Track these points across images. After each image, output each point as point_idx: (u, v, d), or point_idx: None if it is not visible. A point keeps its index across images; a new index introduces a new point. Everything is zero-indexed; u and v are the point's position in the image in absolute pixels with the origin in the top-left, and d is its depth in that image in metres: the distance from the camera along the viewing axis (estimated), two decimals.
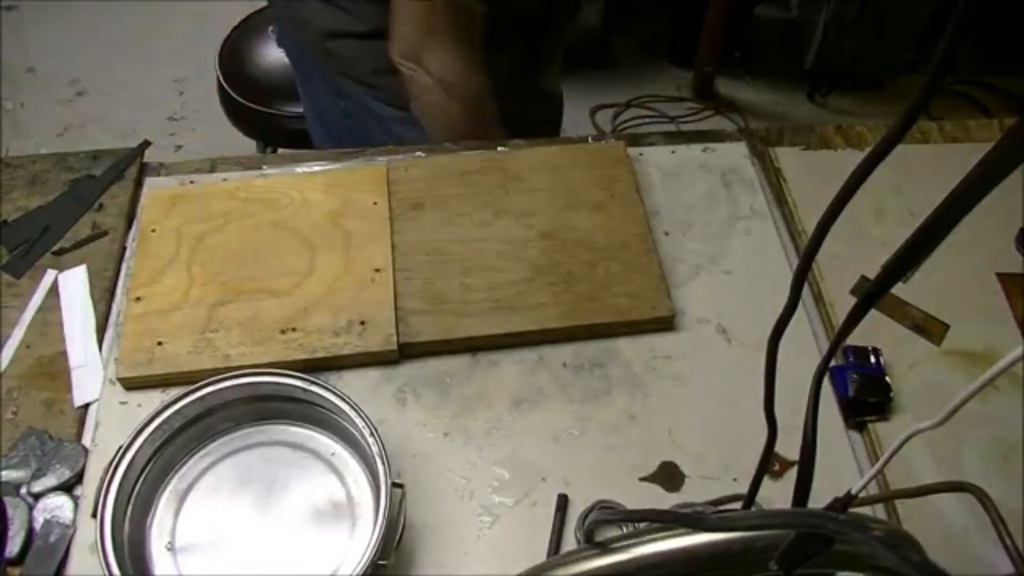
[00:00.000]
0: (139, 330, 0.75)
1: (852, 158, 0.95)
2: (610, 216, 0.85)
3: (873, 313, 0.34)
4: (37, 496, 0.68)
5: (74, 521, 0.67)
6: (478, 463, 0.72)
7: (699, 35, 2.24)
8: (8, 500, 0.66)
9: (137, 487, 0.64)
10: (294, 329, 0.76)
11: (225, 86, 1.47)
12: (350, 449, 0.69)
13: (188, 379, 0.70)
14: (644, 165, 0.93)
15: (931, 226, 0.30)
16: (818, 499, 0.39)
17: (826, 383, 0.75)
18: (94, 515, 0.60)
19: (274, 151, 1.52)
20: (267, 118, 1.45)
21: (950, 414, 0.30)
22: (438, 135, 0.98)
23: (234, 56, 1.51)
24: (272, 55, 1.50)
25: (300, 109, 1.42)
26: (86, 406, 0.74)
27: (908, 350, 0.79)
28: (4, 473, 0.69)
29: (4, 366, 0.76)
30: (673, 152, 0.95)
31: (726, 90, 2.43)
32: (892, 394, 0.74)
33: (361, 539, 0.64)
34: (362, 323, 0.76)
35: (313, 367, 0.74)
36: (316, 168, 0.91)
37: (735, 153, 0.95)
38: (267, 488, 0.67)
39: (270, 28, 1.39)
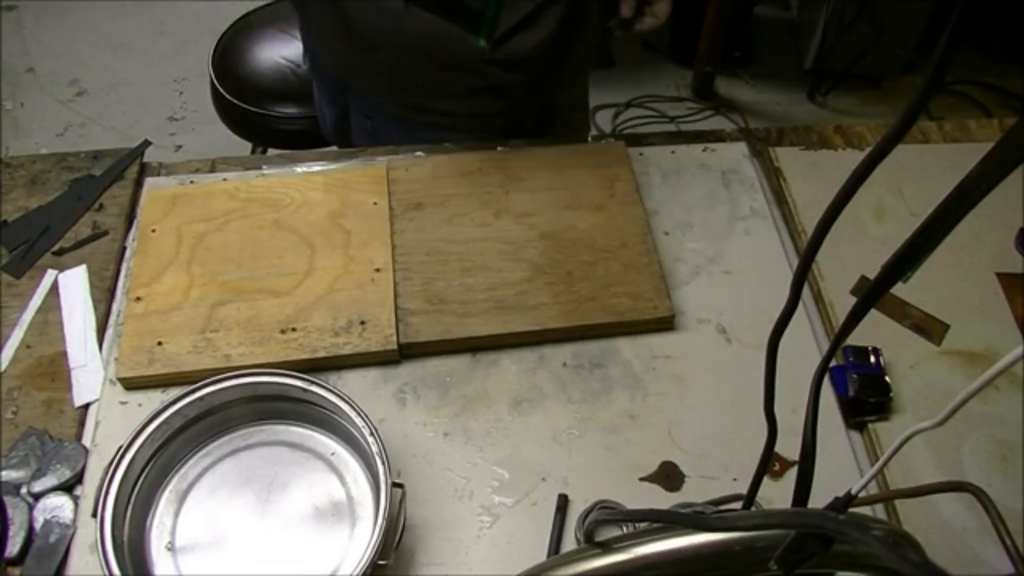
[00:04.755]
0: (139, 330, 0.75)
1: (852, 158, 0.95)
2: (610, 216, 0.85)
3: (873, 313, 0.34)
4: (37, 496, 0.68)
5: (74, 521, 0.67)
6: (478, 463, 0.72)
7: (699, 35, 2.24)
8: (8, 500, 0.66)
9: (137, 487, 0.64)
10: (294, 329, 0.76)
11: (218, 86, 1.47)
12: (350, 449, 0.69)
13: (188, 379, 0.70)
14: (644, 165, 0.93)
15: (931, 226, 0.30)
16: (818, 499, 0.39)
17: (826, 383, 0.75)
18: (94, 515, 0.60)
19: (264, 152, 1.51)
20: (259, 119, 1.44)
21: (950, 414, 0.30)
22: None
23: (227, 56, 1.50)
24: (265, 56, 1.49)
25: (291, 110, 1.42)
26: (86, 406, 0.74)
27: (908, 350, 0.79)
28: (4, 473, 0.69)
29: (4, 366, 0.76)
30: (673, 152, 0.95)
31: (726, 90, 2.43)
32: (892, 394, 0.74)
33: (361, 539, 0.64)
34: (362, 323, 0.76)
35: (313, 367, 0.74)
36: (316, 168, 0.91)
37: (735, 153, 0.95)
38: (267, 488, 0.67)
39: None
